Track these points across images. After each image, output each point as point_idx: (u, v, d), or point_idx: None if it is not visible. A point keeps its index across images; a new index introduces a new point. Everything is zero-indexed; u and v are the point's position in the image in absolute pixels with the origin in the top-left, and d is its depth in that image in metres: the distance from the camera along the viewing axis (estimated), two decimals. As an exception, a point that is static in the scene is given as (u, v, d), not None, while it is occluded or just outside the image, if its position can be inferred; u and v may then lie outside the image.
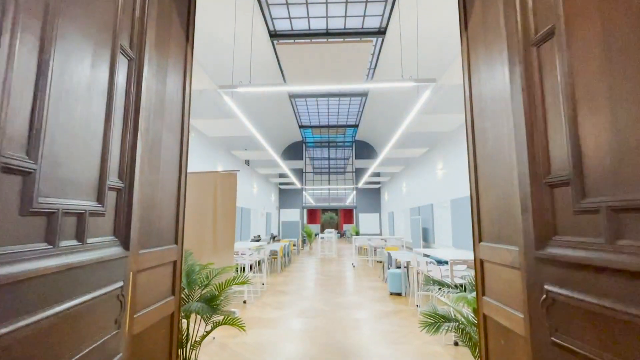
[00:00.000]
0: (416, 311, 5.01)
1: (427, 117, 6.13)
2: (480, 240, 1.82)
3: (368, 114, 14.34)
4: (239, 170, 3.50)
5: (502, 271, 1.56)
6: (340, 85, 4.72)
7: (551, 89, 1.22)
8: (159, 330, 1.68)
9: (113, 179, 1.27)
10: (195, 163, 7.69)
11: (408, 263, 7.63)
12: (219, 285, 2.61)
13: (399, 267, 7.38)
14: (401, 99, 10.61)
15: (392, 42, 7.54)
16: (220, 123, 6.49)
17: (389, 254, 7.31)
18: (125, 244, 1.34)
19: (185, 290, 2.70)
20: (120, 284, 1.29)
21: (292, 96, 12.68)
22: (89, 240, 1.13)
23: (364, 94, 12.51)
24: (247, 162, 11.93)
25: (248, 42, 6.87)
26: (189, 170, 3.35)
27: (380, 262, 11.12)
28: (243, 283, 2.61)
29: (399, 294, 6.24)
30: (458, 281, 3.97)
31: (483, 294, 1.77)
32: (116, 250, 1.28)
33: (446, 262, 6.98)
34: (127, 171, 1.38)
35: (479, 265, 1.82)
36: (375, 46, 8.70)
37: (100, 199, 1.19)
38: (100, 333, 1.17)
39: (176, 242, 1.87)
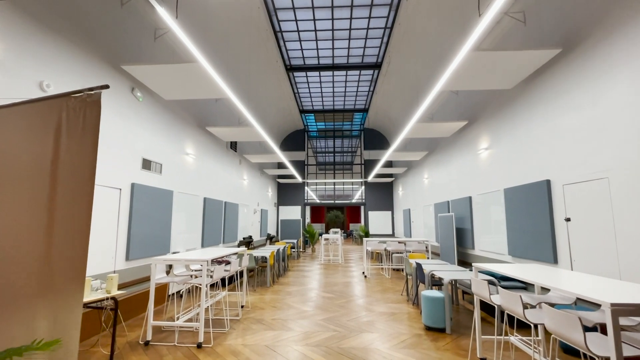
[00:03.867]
0: (488, 377, 2.86)
1: (483, 57, 3.96)
2: None
3: (380, 93, 12.16)
4: (107, 87, 1.39)
5: None
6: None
7: None
8: None
9: None
10: (149, 142, 5.61)
11: (454, 282, 5.45)
12: None
13: (436, 285, 5.22)
14: (424, 69, 8.43)
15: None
16: (178, 73, 4.40)
17: (418, 265, 5.15)
18: None
19: None
20: None
21: (290, 69, 10.55)
22: None
23: (376, 66, 10.34)
24: (234, 147, 9.78)
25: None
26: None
27: (399, 270, 8.95)
28: None
29: (442, 330, 4.09)
30: (629, 352, 1.79)
31: None
32: None
33: (509, 280, 4.79)
34: None
35: None
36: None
37: None
38: None
39: None
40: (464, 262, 7.13)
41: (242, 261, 4.90)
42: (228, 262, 7.03)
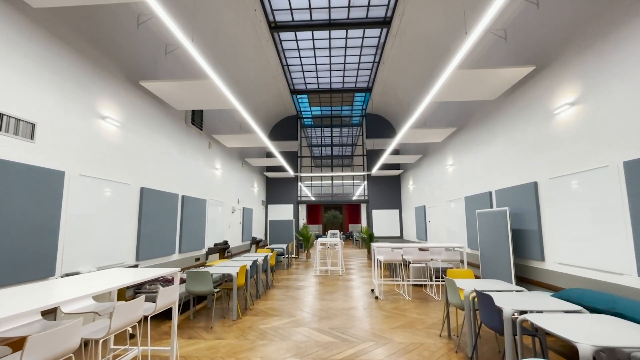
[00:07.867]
0: None
1: None
2: None
3: (388, 63, 9.90)
4: None
5: None
6: None
7: None
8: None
9: None
10: (46, 99, 3.31)
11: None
12: None
13: (527, 334, 2.95)
14: (454, 18, 6.18)
15: None
16: None
17: (484, 297, 2.86)
18: None
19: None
20: None
21: (275, 27, 8.26)
22: None
23: (384, 22, 8.08)
24: (197, 122, 7.41)
25: None
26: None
27: (420, 286, 6.53)
28: None
29: None
30: None
31: None
32: None
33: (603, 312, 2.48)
34: None
35: None
36: None
37: None
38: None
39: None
40: (525, 280, 4.86)
41: (159, 297, 2.58)
42: (169, 281, 4.73)
